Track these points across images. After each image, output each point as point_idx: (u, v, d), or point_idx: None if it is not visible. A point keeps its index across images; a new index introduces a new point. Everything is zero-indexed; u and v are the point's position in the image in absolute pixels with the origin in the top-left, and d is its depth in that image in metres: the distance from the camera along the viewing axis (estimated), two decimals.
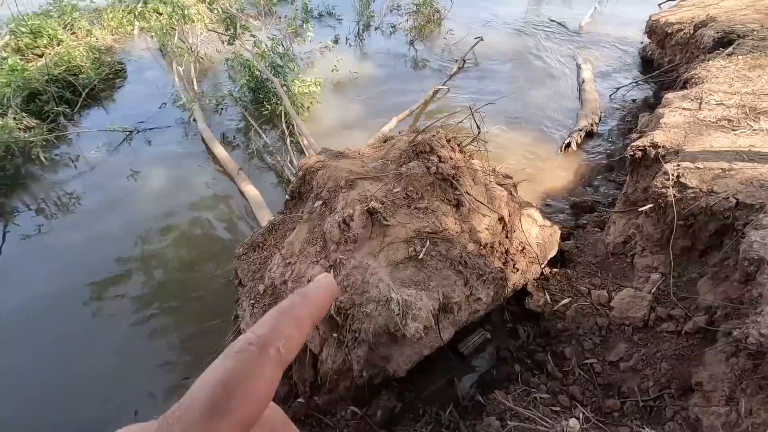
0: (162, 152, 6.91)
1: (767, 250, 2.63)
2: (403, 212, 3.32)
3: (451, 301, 3.10)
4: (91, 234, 5.46)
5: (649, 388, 3.14)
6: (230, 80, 8.89)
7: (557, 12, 11.81)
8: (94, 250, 5.21)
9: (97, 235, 5.44)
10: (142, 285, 4.81)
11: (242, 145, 7.04)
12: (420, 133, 3.62)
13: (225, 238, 5.36)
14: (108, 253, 5.14)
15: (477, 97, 8.19)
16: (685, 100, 4.43)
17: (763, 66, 4.61)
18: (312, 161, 3.71)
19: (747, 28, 5.58)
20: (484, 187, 3.93)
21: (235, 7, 9.58)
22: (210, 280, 4.53)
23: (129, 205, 5.91)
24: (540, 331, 4.08)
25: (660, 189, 3.57)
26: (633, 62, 9.54)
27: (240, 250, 3.92)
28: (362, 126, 7.45)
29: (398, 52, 10.20)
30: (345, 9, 12.00)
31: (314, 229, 3.45)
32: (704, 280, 3.36)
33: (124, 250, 5.20)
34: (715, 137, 3.75)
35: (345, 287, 3.11)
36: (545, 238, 4.33)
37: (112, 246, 5.24)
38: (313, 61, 9.68)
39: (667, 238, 3.57)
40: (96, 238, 5.41)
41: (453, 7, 11.34)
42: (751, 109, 3.98)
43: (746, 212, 3.05)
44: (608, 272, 4.13)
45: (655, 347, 3.29)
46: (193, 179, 6.31)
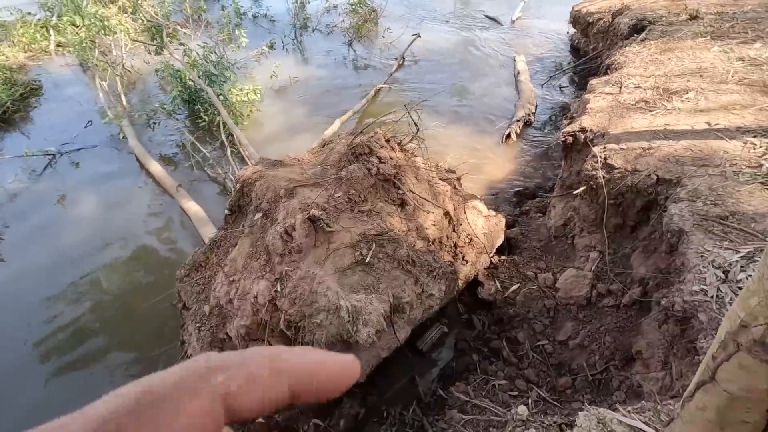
0: (92, 174, 6.45)
1: (685, 221, 2.82)
2: (347, 217, 3.28)
3: (402, 301, 3.10)
4: (15, 272, 4.99)
5: (596, 362, 3.29)
6: (162, 92, 8.45)
7: (487, 6, 12.18)
8: (20, 290, 4.78)
9: (23, 272, 4.99)
10: (79, 320, 4.46)
11: (180, 160, 6.71)
12: (358, 135, 3.59)
13: (168, 260, 5.08)
14: (36, 290, 4.74)
15: (418, 93, 8.30)
16: (607, 85, 4.70)
17: (672, 49, 4.98)
18: (249, 172, 3.58)
19: (657, 15, 6.00)
20: (428, 184, 3.96)
21: (161, 15, 9.13)
22: (154, 307, 4.27)
23: (58, 236, 5.47)
24: (494, 319, 4.18)
25: (590, 171, 3.75)
26: (563, 52, 10.01)
27: (181, 271, 3.72)
28: (306, 130, 7.32)
29: (338, 53, 10.13)
30: (279, 11, 11.76)
31: (257, 243, 3.34)
32: (636, 253, 3.57)
33: (55, 286, 4.80)
34: (635, 119, 3.99)
35: (293, 299, 3.02)
36: (491, 228, 4.44)
37: (42, 282, 4.83)
38: (251, 67, 9.41)
39: (600, 217, 3.76)
40: (22, 275, 4.96)
41: (389, 6, 11.40)
42: (664, 90, 4.28)
43: (666, 187, 3.27)
44: (552, 255, 4.30)
45: (598, 322, 3.46)
46: (128, 200, 5.94)
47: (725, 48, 4.73)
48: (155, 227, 5.53)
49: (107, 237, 5.37)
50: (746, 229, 2.59)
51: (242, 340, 3.28)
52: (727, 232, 2.63)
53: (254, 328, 3.20)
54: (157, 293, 4.59)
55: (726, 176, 3.03)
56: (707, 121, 3.68)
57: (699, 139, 3.48)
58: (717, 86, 4.11)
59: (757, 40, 4.72)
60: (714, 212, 2.79)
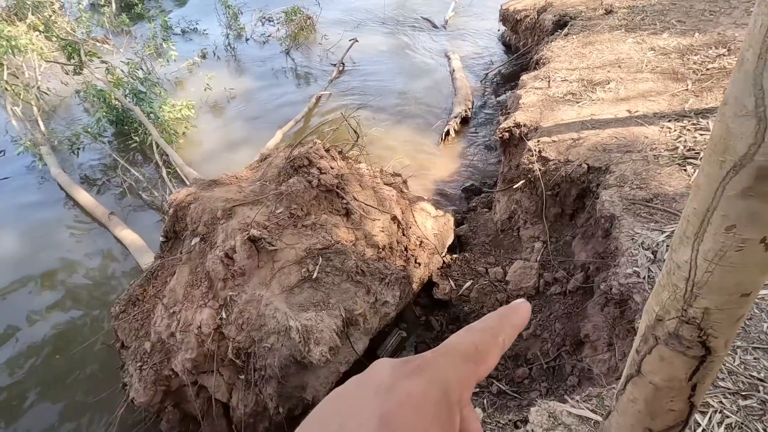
0: (8, 209, 5.87)
1: (615, 206, 2.97)
2: (290, 233, 3.17)
3: (355, 313, 3.03)
4: None
5: (549, 349, 3.39)
6: (87, 114, 7.87)
7: (419, 7, 12.39)
8: None
9: None
10: (5, 375, 4.02)
11: (111, 186, 6.26)
12: (296, 146, 3.49)
13: (103, 296, 4.70)
14: None
15: (360, 97, 8.28)
16: (536, 80, 4.88)
17: (592, 42, 5.27)
18: (182, 195, 3.38)
19: (577, 11, 6.34)
20: (373, 190, 3.93)
21: (79, 32, 8.50)
22: (88, 350, 3.93)
23: None
24: (451, 318, 4.21)
25: (527, 165, 3.87)
26: (495, 48, 10.36)
27: (116, 308, 3.45)
28: (247, 144, 7.08)
29: (275, 62, 9.90)
30: (210, 23, 11.33)
31: (196, 270, 3.15)
32: (576, 240, 3.72)
33: None
34: (564, 111, 4.17)
35: (240, 325, 2.88)
36: (440, 228, 4.48)
37: None
38: (182, 81, 8.99)
39: (541, 208, 3.89)
40: None
41: (324, 12, 11.30)
42: (588, 82, 4.51)
43: (597, 175, 3.42)
44: (500, 248, 4.40)
45: (548, 311, 3.57)
46: (54, 234, 5.46)
47: (638, 39, 5.07)
48: (86, 261, 5.11)
49: (31, 276, 4.89)
50: (669, 209, 2.76)
51: (190, 374, 3.08)
52: (653, 214, 2.79)
53: (201, 360, 3.02)
54: (92, 334, 4.24)
55: (648, 160, 3.22)
56: (628, 109, 3.91)
57: (622, 126, 3.68)
58: (634, 75, 4.38)
59: (665, 30, 5.10)
60: (640, 195, 2.95)
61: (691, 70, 4.20)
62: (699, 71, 4.14)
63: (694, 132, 3.33)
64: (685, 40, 4.75)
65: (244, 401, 3.10)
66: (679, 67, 4.31)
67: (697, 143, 3.19)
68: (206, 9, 11.78)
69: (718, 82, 3.88)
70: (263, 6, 11.85)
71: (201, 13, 11.72)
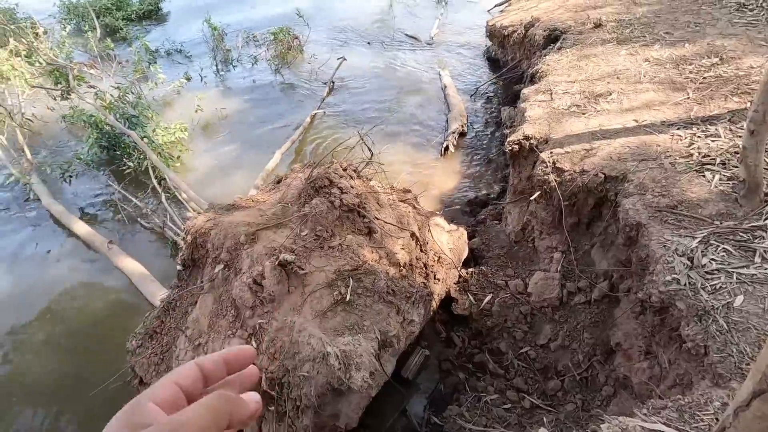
0: (0, 243, 5.59)
1: (640, 214, 3.01)
2: (317, 255, 3.10)
3: (389, 335, 2.96)
4: None
5: (579, 360, 3.38)
6: (75, 140, 7.63)
7: (402, 24, 12.62)
8: None
9: None
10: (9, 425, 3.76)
11: (106, 214, 6.05)
12: (315, 167, 3.44)
13: (110, 331, 4.47)
14: None
15: (353, 115, 8.30)
16: (538, 93, 4.99)
17: (587, 56, 5.43)
18: (201, 221, 3.28)
19: (566, 25, 6.55)
20: (390, 208, 3.90)
21: (61, 57, 8.30)
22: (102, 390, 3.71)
23: None
24: (473, 333, 4.17)
25: (542, 176, 3.91)
26: (481, 63, 10.58)
27: (133, 342, 3.28)
28: (242, 166, 6.98)
29: (265, 83, 9.86)
30: (195, 46, 11.26)
31: (221, 298, 3.04)
32: (595, 249, 3.76)
33: None
34: (572, 122, 4.26)
35: (273, 354, 2.77)
36: (455, 242, 4.47)
37: None
38: (171, 103, 8.85)
39: (558, 218, 3.92)
40: None
41: (311, 33, 11.38)
42: (590, 94, 4.62)
43: (614, 184, 3.48)
44: (517, 260, 4.41)
45: (574, 321, 3.57)
46: (50, 270, 5.21)
47: (631, 51, 5.25)
48: (87, 295, 4.88)
49: (29, 317, 4.63)
50: (695, 215, 2.81)
51: None
52: (680, 220, 2.84)
53: None
54: (104, 373, 4.02)
55: (665, 168, 3.29)
56: (634, 118, 4.01)
57: (632, 136, 3.78)
58: (634, 86, 4.52)
59: (655, 42, 5.30)
60: (664, 203, 3.00)
61: (689, 80, 4.35)
62: (696, 80, 4.30)
63: (705, 139, 3.43)
64: (677, 51, 4.94)
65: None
66: (677, 76, 4.46)
67: (711, 150, 3.28)
68: (191, 30, 11.75)
69: (717, 90, 4.04)
70: (248, 27, 11.89)
71: (186, 34, 11.66)
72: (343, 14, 13.26)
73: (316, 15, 12.69)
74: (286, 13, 12.31)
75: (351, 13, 13.38)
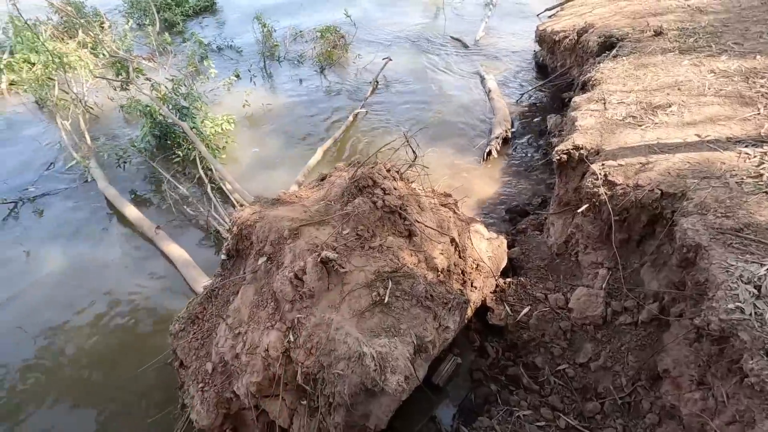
0: (58, 222, 5.96)
1: (701, 235, 2.83)
2: (358, 254, 3.11)
3: (425, 340, 2.93)
4: None
5: (622, 384, 3.22)
6: (129, 129, 8.04)
7: (450, 26, 12.51)
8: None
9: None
10: (54, 396, 3.98)
11: (155, 200, 6.33)
12: (360, 167, 3.46)
13: (152, 313, 4.68)
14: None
15: (395, 116, 8.30)
16: (591, 102, 4.80)
17: (645, 65, 5.18)
18: (247, 214, 3.36)
19: (623, 32, 6.28)
20: (431, 212, 3.86)
21: (122, 49, 8.76)
22: (138, 367, 3.89)
23: (22, 297, 4.95)
24: (507, 345, 4.07)
25: (592, 189, 3.76)
26: (528, 68, 10.33)
27: (176, 326, 3.41)
28: (284, 160, 7.13)
29: (309, 80, 10.03)
30: (244, 41, 11.61)
31: (262, 290, 3.10)
32: (645, 268, 3.57)
33: (21, 355, 4.32)
34: (627, 134, 4.07)
35: (309, 349, 2.80)
36: (494, 251, 4.37)
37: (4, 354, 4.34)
38: (220, 99, 9.15)
39: (606, 233, 3.76)
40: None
41: (357, 32, 11.48)
42: (648, 105, 4.40)
43: (671, 201, 3.30)
44: (558, 274, 4.26)
45: (618, 342, 3.41)
46: (101, 248, 5.51)
47: (695, 61, 4.96)
48: (134, 276, 5.13)
49: (80, 293, 4.92)
50: (765, 240, 2.62)
51: (252, 398, 3.00)
52: (746, 245, 2.65)
53: (266, 384, 2.95)
54: (142, 354, 4.21)
55: (730, 187, 3.09)
56: (697, 133, 3.79)
57: (694, 151, 3.57)
58: (697, 99, 4.27)
59: (722, 53, 4.99)
60: (728, 225, 2.82)
61: (760, 94, 4.07)
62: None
63: None
64: (747, 63, 4.63)
65: (306, 428, 3.00)
66: (746, 90, 4.18)
67: None
68: (243, 27, 12.13)
69: None
70: (296, 24, 12.15)
71: (237, 30, 12.05)
72: (389, 15, 13.31)
73: (364, 16, 12.80)
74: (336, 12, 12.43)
75: (397, 14, 13.41)
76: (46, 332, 4.54)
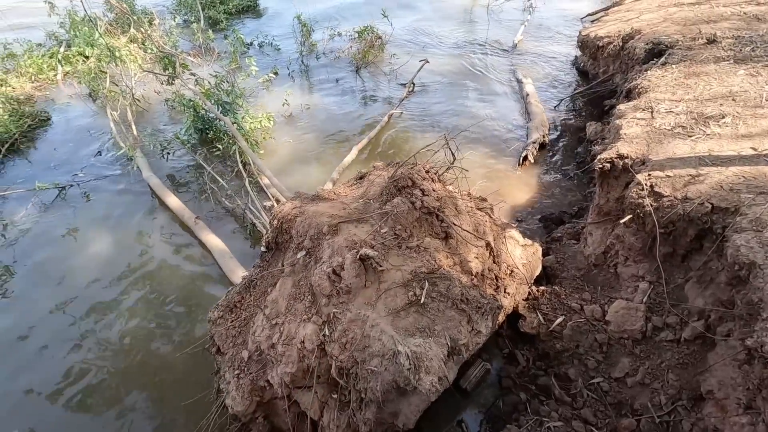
0: (104, 208, 6.27)
1: (756, 253, 2.71)
2: (395, 254, 3.13)
3: (459, 343, 2.93)
4: (23, 321, 4.74)
5: (661, 402, 3.12)
6: (172, 122, 8.36)
7: (487, 29, 12.39)
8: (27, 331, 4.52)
9: (32, 320, 4.74)
10: (96, 373, 4.19)
11: (195, 191, 6.55)
12: (400, 167, 3.48)
13: (189, 299, 4.85)
14: (46, 340, 4.50)
15: (430, 118, 8.29)
16: (637, 110, 4.66)
17: (697, 74, 4.99)
18: (288, 208, 3.44)
19: (672, 39, 6.06)
20: (468, 215, 3.84)
21: (169, 45, 9.12)
22: (178, 351, 4.04)
23: (68, 274, 5.25)
24: (539, 354, 4.00)
25: (636, 199, 3.65)
26: (567, 74, 10.11)
27: (215, 313, 3.52)
28: (319, 157, 7.24)
29: (345, 80, 10.15)
30: (284, 39, 11.86)
31: (300, 283, 3.17)
32: (690, 284, 3.44)
33: (65, 328, 4.57)
34: (675, 144, 3.93)
35: (344, 344, 2.84)
36: (529, 258, 4.31)
37: (51, 330, 4.59)
38: (260, 95, 9.38)
39: (649, 246, 3.64)
40: (29, 316, 4.72)
41: (393, 33, 11.53)
42: (699, 115, 4.24)
43: (722, 216, 3.17)
44: (595, 285, 4.16)
45: (658, 358, 3.30)
46: (143, 236, 5.75)
47: (751, 71, 4.74)
48: (173, 262, 5.33)
49: (122, 274, 5.16)
50: None
51: (285, 388, 3.07)
52: None
53: (300, 375, 3.01)
54: (178, 336, 4.38)
55: None
56: (752, 146, 3.62)
57: (749, 165, 3.41)
58: (753, 110, 4.08)
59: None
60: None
61: None
62: None
63: None
64: None
65: (337, 422, 3.04)
66: None
67: None
68: (283, 26, 12.40)
69: None
70: (335, 24, 12.31)
71: (278, 30, 12.32)
72: (426, 16, 13.31)
73: (401, 16, 12.85)
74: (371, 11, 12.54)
75: (435, 15, 13.40)
76: (90, 312, 4.78)
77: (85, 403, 3.96)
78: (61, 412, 3.90)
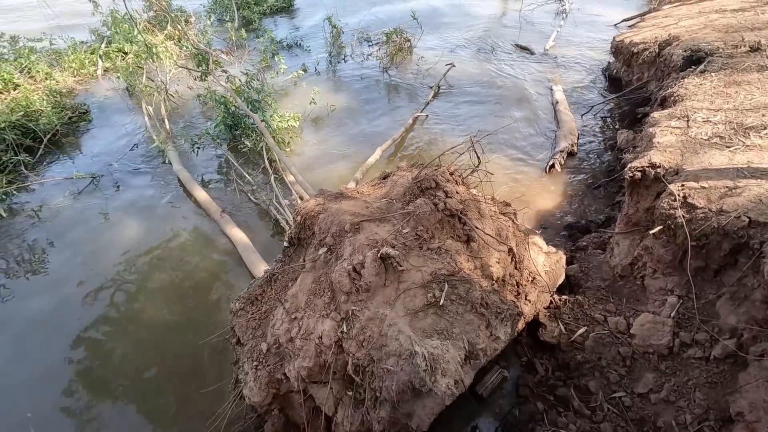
0: (135, 198, 6.50)
1: None
2: (416, 254, 3.13)
3: (477, 347, 2.89)
4: (56, 300, 4.97)
5: (687, 421, 3.00)
6: (203, 117, 8.59)
7: (518, 34, 12.23)
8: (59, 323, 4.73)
9: (63, 300, 4.96)
10: (120, 355, 4.36)
11: (221, 185, 6.72)
12: (424, 168, 3.48)
13: (211, 289, 4.97)
14: (76, 320, 4.71)
15: (455, 122, 8.25)
16: (672, 118, 4.51)
17: (738, 82, 4.79)
18: (311, 205, 3.49)
19: (713, 46, 5.84)
20: (491, 219, 3.80)
21: (203, 43, 9.39)
22: (199, 339, 4.14)
23: (100, 262, 5.45)
24: (558, 364, 3.91)
25: (668, 210, 3.54)
26: (598, 81, 9.88)
27: (236, 304, 3.60)
28: (344, 157, 7.30)
29: (373, 81, 10.21)
30: (313, 40, 12.03)
31: (320, 279, 3.20)
32: (723, 300, 3.30)
33: (93, 316, 4.76)
34: (712, 155, 3.79)
35: (361, 342, 2.85)
36: (552, 266, 4.22)
37: (81, 311, 4.79)
38: (287, 93, 9.54)
39: (679, 259, 3.52)
40: (62, 304, 4.94)
41: (422, 36, 11.53)
42: (738, 125, 4.07)
43: (760, 230, 3.03)
44: (620, 296, 4.04)
45: (685, 375, 3.18)
46: (171, 226, 5.92)
47: None
48: (198, 255, 5.47)
49: (149, 261, 5.33)
50: None
51: (302, 382, 3.10)
52: None
53: (316, 370, 3.03)
54: (199, 325, 4.48)
55: None
56: None
57: None
58: None
59: None
60: None
61: None
62: None
63: None
64: None
65: (351, 419, 3.05)
66: None
67: None
68: (315, 27, 12.57)
69: None
70: (364, 27, 12.41)
71: (309, 31, 12.50)
72: (456, 20, 13.26)
73: (430, 19, 12.83)
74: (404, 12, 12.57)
75: (464, 19, 13.34)
76: (117, 293, 4.97)
77: (104, 382, 4.12)
78: (80, 390, 4.07)
